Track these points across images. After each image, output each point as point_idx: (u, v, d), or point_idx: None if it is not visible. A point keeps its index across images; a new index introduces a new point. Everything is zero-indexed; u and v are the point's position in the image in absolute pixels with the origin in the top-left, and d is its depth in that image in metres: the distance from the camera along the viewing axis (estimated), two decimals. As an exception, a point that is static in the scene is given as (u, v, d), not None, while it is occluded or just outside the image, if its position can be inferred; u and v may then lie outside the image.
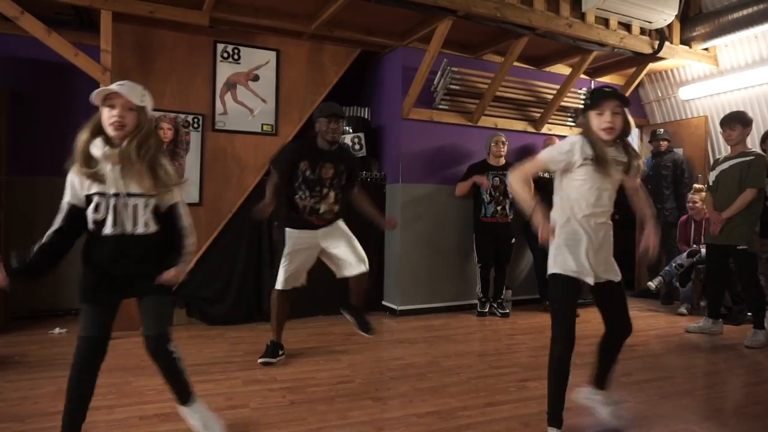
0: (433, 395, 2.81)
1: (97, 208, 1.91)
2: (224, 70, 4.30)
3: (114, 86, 1.89)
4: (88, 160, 1.90)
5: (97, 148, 1.89)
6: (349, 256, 3.32)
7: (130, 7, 3.76)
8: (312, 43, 4.59)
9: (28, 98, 4.36)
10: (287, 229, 3.28)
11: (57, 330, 3.95)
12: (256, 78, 4.40)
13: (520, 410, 2.65)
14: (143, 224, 1.96)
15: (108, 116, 1.89)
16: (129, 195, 1.92)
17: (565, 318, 2.21)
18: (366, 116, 5.03)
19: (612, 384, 2.50)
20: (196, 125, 4.21)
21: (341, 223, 3.41)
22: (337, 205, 3.34)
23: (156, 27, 4.04)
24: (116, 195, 1.91)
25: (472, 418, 2.53)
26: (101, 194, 1.91)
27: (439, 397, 2.78)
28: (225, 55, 4.30)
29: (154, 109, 4.11)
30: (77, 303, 2.02)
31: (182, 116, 4.16)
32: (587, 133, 2.18)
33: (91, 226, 1.93)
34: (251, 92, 4.40)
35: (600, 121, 2.13)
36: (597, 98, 2.15)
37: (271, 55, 4.46)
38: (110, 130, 1.89)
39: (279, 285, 3.29)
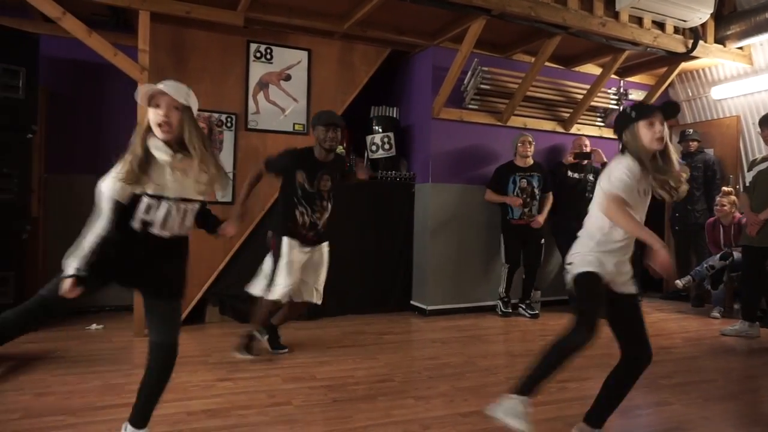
0: (474, 395, 2.81)
1: (148, 210, 1.85)
2: (257, 70, 4.33)
3: (159, 85, 1.85)
4: (144, 162, 1.83)
5: (162, 152, 1.84)
6: (313, 285, 3.40)
7: (168, 8, 3.80)
8: (343, 43, 4.60)
9: (66, 98, 4.43)
10: (285, 238, 3.24)
11: (94, 326, 4.01)
12: (288, 78, 4.43)
13: (564, 411, 2.64)
14: (188, 227, 1.96)
15: (154, 116, 1.84)
16: (184, 200, 1.91)
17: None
18: (395, 116, 5.03)
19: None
20: (229, 124, 4.24)
21: (325, 249, 3.43)
22: (327, 215, 3.41)
23: (190, 27, 4.07)
24: (173, 199, 1.87)
25: (516, 418, 2.51)
26: (156, 197, 1.85)
27: (481, 397, 2.77)
28: (258, 54, 4.33)
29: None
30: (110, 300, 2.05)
31: (216, 115, 4.20)
32: (636, 153, 2.05)
33: (137, 225, 1.86)
34: (283, 92, 4.42)
35: (653, 132, 2.02)
36: (644, 109, 2.07)
37: (303, 55, 4.48)
38: (158, 131, 1.84)
39: (276, 296, 3.22)
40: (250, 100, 4.31)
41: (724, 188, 5.05)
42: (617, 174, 2.05)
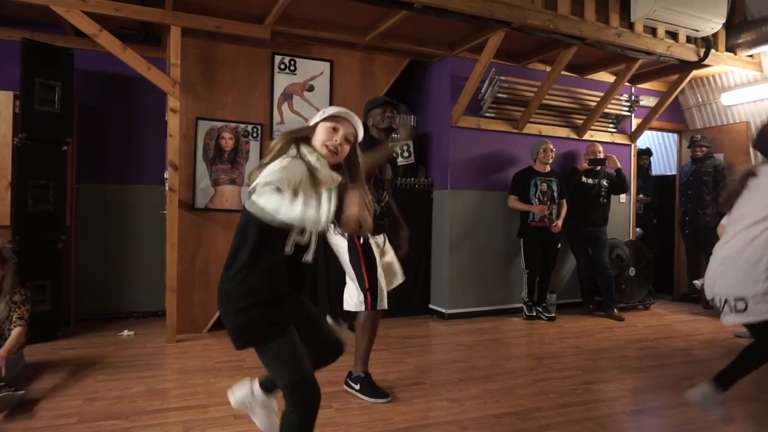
0: (505, 396, 2.92)
1: (303, 231, 1.66)
2: (281, 81, 4.44)
3: (346, 111, 1.78)
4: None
5: (322, 165, 1.71)
6: (395, 263, 3.10)
7: (198, 23, 3.91)
8: (364, 54, 4.72)
9: (95, 109, 4.54)
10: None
11: (126, 332, 4.11)
12: (311, 88, 4.54)
13: (594, 412, 2.75)
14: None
15: (327, 137, 1.74)
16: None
17: None
18: (413, 123, 5.14)
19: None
20: (255, 134, 4.36)
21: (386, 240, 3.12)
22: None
23: (218, 41, 4.19)
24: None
25: (549, 418, 2.63)
26: None
27: (512, 399, 2.88)
28: (282, 66, 4.45)
29: (216, 120, 4.30)
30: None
31: (242, 126, 4.31)
32: None
33: (288, 250, 1.66)
34: (306, 102, 4.54)
35: None
36: None
37: (325, 66, 4.59)
38: (324, 151, 1.73)
39: (379, 305, 2.85)
40: (275, 111, 4.43)
41: None
42: None
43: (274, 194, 1.49)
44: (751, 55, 5.21)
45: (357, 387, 2.89)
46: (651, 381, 3.28)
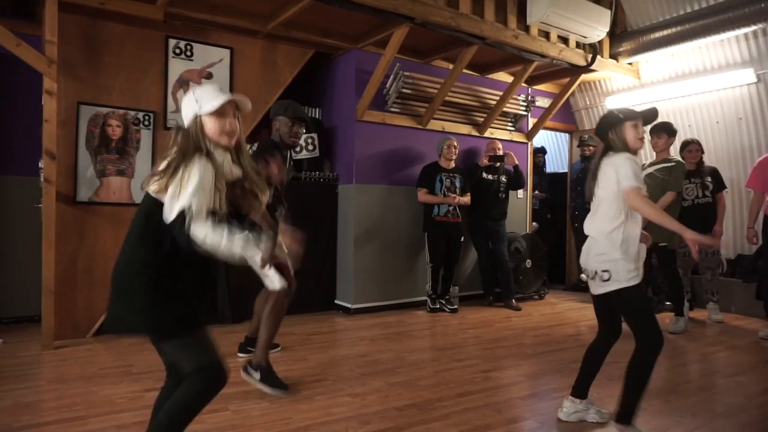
0: (407, 389, 2.93)
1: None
2: (177, 67, 4.17)
3: (228, 94, 1.78)
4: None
5: (224, 158, 1.75)
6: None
7: (79, -3, 3.56)
8: (266, 42, 4.55)
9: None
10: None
11: (-6, 340, 3.67)
12: (209, 76, 4.31)
13: (490, 398, 2.84)
14: None
15: (220, 124, 1.74)
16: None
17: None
18: (318, 116, 5.06)
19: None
20: (146, 123, 4.06)
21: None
22: None
23: (103, 19, 3.84)
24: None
25: (448, 408, 2.67)
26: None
27: (414, 391, 2.91)
28: (177, 51, 4.17)
29: (102, 105, 3.96)
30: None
31: (132, 113, 4.00)
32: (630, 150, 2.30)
33: (185, 242, 1.66)
34: (204, 90, 4.29)
35: (637, 132, 2.30)
36: (631, 112, 2.33)
37: (225, 53, 4.38)
38: (225, 140, 1.76)
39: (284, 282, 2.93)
40: (169, 98, 4.14)
41: None
42: (625, 169, 2.21)
43: (209, 227, 1.61)
44: (630, 63, 5.68)
45: (257, 376, 2.81)
46: (544, 366, 3.46)
